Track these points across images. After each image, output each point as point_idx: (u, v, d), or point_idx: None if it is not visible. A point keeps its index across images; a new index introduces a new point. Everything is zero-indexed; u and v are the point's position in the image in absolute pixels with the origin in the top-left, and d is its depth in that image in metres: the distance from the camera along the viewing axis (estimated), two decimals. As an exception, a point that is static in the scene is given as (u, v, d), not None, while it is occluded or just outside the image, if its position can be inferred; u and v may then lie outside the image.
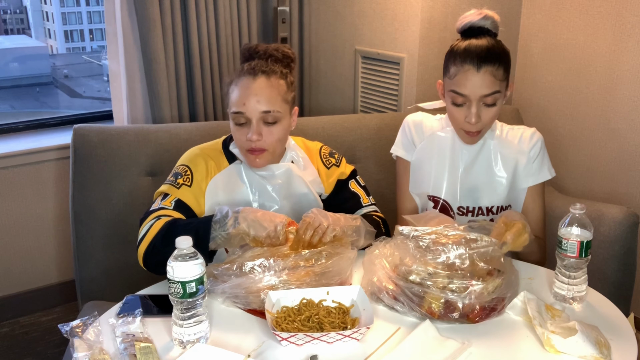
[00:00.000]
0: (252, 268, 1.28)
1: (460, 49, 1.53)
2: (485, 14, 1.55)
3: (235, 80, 1.50)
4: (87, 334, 1.16)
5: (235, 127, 1.50)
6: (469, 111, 1.52)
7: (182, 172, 1.54)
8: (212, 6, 2.55)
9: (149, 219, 1.46)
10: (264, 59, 1.51)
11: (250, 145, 1.48)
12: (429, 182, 1.68)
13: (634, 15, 2.29)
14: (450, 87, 1.54)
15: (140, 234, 1.45)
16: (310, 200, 1.59)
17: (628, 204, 2.35)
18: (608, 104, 2.43)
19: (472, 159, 1.65)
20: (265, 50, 1.53)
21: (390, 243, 1.32)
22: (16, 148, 2.53)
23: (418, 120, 1.72)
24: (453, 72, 1.52)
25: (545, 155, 1.67)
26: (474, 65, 1.49)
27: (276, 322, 1.19)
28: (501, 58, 1.51)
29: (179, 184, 1.52)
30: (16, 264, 2.61)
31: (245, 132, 1.48)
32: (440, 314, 1.21)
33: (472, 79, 1.49)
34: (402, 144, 1.73)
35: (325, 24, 2.95)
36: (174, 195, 1.50)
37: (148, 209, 1.51)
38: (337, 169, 1.67)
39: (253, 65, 1.49)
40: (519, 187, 1.66)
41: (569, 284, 1.29)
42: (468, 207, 1.66)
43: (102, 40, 3.66)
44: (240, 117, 1.48)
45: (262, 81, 1.47)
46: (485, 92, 1.50)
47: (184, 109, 2.58)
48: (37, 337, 2.50)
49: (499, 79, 1.50)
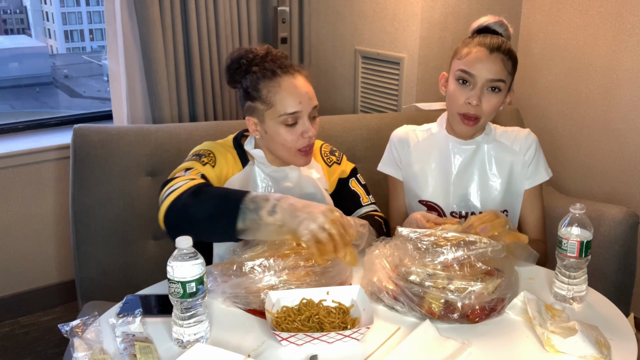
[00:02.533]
0: (252, 268, 1.28)
1: (475, 38, 1.56)
2: (503, 21, 1.60)
3: (267, 83, 1.46)
4: (87, 334, 1.16)
5: (284, 129, 1.47)
6: (472, 92, 1.53)
7: (206, 154, 1.50)
8: (212, 6, 2.55)
9: (177, 180, 1.38)
10: (276, 60, 1.49)
11: (304, 143, 1.48)
12: (421, 187, 1.67)
13: (634, 15, 2.29)
14: (459, 66, 1.55)
15: (165, 192, 1.36)
16: (318, 200, 1.58)
17: (628, 204, 2.35)
18: (608, 104, 2.43)
19: (466, 163, 1.63)
20: (266, 53, 1.51)
21: (390, 243, 1.32)
22: (16, 148, 2.53)
23: (402, 134, 1.72)
24: (465, 53, 1.55)
25: (541, 157, 1.65)
26: (487, 48, 1.52)
27: (276, 322, 1.19)
28: (512, 54, 1.55)
29: (204, 162, 1.48)
30: (16, 264, 2.61)
31: (297, 131, 1.47)
32: (440, 314, 1.21)
33: (483, 60, 1.52)
34: (389, 161, 1.74)
35: (325, 24, 2.95)
36: (198, 170, 1.45)
37: (168, 178, 1.43)
38: (339, 167, 1.67)
39: (281, 65, 1.48)
40: (515, 191, 1.65)
41: (569, 284, 1.29)
42: (461, 212, 1.65)
43: (102, 40, 3.66)
44: (294, 116, 1.46)
45: (301, 78, 1.49)
46: (492, 76, 1.52)
47: (184, 109, 2.58)
48: (37, 337, 2.50)
49: (507, 70, 1.53)
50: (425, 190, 1.67)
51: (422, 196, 1.67)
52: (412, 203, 1.71)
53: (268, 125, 1.48)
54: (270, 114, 1.47)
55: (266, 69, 1.47)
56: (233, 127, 2.13)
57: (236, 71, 1.51)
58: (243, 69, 1.50)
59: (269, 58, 1.50)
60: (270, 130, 1.49)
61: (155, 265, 1.98)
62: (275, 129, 1.47)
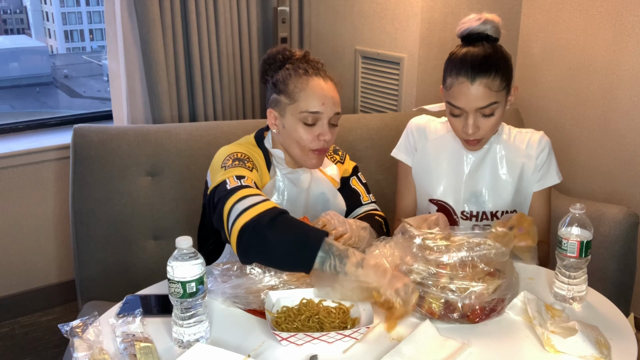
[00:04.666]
0: (252, 268, 1.28)
1: (457, 58, 1.50)
2: (485, 18, 1.51)
3: (298, 78, 1.48)
4: (87, 334, 1.16)
5: (301, 126, 1.48)
6: (466, 122, 1.51)
7: (246, 159, 1.46)
8: (212, 6, 2.55)
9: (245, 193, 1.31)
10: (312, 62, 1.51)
11: (319, 145, 1.49)
12: (432, 185, 1.67)
13: (634, 15, 2.29)
14: (447, 98, 1.53)
15: (235, 207, 1.28)
16: (329, 199, 1.60)
17: (628, 204, 2.35)
18: (608, 104, 2.43)
19: (478, 162, 1.63)
20: (305, 55, 1.54)
21: (391, 243, 1.32)
22: (16, 148, 2.53)
23: (422, 124, 1.70)
24: (449, 84, 1.51)
25: (552, 160, 1.65)
26: (467, 77, 1.46)
27: (276, 322, 1.19)
28: (498, 66, 1.47)
29: (250, 168, 1.44)
30: (16, 264, 2.61)
31: (314, 132, 1.48)
32: (440, 314, 1.21)
33: (467, 93, 1.47)
34: (404, 147, 1.72)
35: (325, 24, 2.95)
36: (250, 177, 1.40)
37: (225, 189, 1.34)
38: (342, 165, 1.68)
39: (316, 67, 1.50)
40: (525, 191, 1.64)
41: (569, 284, 1.29)
42: (472, 211, 1.65)
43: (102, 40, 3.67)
44: (315, 116, 1.47)
45: (330, 84, 1.50)
46: (480, 104, 1.48)
47: (184, 109, 2.58)
48: (37, 337, 2.50)
49: (494, 90, 1.47)
50: (436, 189, 1.66)
51: (432, 195, 1.67)
52: (422, 202, 1.71)
53: (288, 120, 1.49)
54: (292, 109, 1.48)
55: (299, 67, 1.49)
56: (233, 127, 2.14)
57: (271, 66, 1.54)
58: (277, 65, 1.53)
59: (305, 59, 1.52)
60: (288, 125, 1.50)
61: (155, 265, 1.98)
62: (294, 125, 1.49)
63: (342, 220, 1.40)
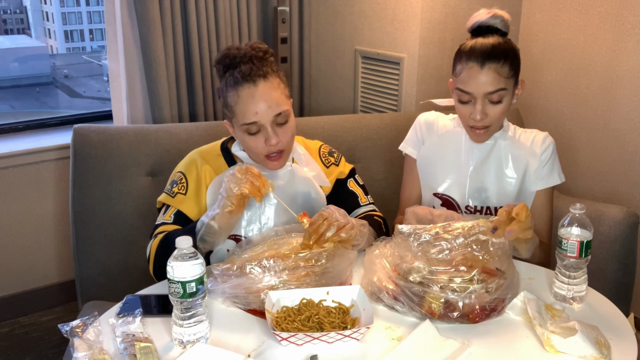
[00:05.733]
0: (252, 268, 1.28)
1: (467, 47, 1.54)
2: (495, 12, 1.56)
3: (231, 91, 1.45)
4: (87, 334, 1.16)
5: (247, 137, 1.47)
6: (474, 108, 1.53)
7: (178, 180, 1.56)
8: (212, 6, 2.55)
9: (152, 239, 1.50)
10: (250, 63, 1.45)
11: (270, 150, 1.47)
12: (437, 179, 1.68)
13: (634, 15, 2.29)
14: (456, 84, 1.55)
15: (147, 254, 1.50)
16: (312, 198, 1.58)
17: (628, 204, 2.35)
18: (608, 104, 2.43)
19: (483, 158, 1.65)
20: (245, 53, 1.47)
21: (391, 243, 1.32)
22: (16, 148, 2.53)
23: (431, 119, 1.72)
24: (459, 70, 1.54)
25: (556, 160, 1.66)
26: (477, 62, 1.50)
27: (276, 322, 1.19)
28: (507, 54, 1.51)
29: (174, 193, 1.54)
30: (16, 264, 2.61)
31: (260, 140, 1.46)
32: (440, 313, 1.21)
33: (476, 77, 1.50)
34: (412, 141, 1.74)
35: (325, 24, 2.95)
36: (173, 207, 1.53)
37: (155, 223, 1.55)
38: (337, 168, 1.67)
39: (245, 71, 1.43)
40: (528, 189, 1.66)
41: (569, 284, 1.29)
42: (476, 206, 1.66)
43: (102, 40, 3.66)
44: (254, 126, 1.45)
45: (263, 85, 1.44)
46: (489, 89, 1.50)
47: (184, 109, 2.58)
48: (37, 337, 2.50)
49: (504, 76, 1.50)
50: (441, 184, 1.68)
51: (437, 189, 1.68)
52: (426, 196, 1.72)
53: (236, 132, 1.51)
54: (235, 122, 1.49)
55: (232, 75, 1.45)
56: (233, 127, 2.14)
57: (219, 72, 1.52)
58: (222, 71, 1.50)
59: (245, 58, 1.45)
60: (238, 136, 1.52)
61: (155, 265, 1.98)
62: (242, 137, 1.49)
63: (343, 213, 1.39)
